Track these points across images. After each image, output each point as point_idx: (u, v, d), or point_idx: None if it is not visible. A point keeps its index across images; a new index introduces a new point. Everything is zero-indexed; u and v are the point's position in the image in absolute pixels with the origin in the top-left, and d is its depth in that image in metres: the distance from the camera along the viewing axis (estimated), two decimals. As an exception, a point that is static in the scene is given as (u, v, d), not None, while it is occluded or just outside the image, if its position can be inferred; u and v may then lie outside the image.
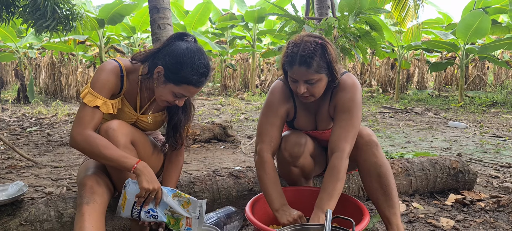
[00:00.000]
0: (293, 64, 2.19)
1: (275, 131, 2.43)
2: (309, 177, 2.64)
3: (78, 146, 2.10)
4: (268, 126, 2.43)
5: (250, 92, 14.21)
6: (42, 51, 13.99)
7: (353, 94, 2.34)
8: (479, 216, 2.91)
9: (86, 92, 2.14)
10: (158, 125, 2.45)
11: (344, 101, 2.34)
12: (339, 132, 2.29)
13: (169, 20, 5.30)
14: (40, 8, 5.14)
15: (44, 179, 3.73)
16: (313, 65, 2.17)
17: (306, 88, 2.24)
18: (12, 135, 6.00)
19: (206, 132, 5.53)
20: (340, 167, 2.21)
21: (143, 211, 2.09)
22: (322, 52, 2.20)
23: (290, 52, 2.21)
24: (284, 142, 2.45)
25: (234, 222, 2.56)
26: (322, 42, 2.22)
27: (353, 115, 2.31)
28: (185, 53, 2.12)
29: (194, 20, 14.15)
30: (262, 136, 2.44)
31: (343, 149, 2.24)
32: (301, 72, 2.19)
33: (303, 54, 2.16)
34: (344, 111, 2.32)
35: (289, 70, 2.24)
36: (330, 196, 2.16)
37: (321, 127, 2.55)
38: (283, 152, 2.44)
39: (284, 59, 2.28)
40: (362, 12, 5.34)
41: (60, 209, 2.35)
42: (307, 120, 2.55)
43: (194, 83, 2.13)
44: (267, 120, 2.45)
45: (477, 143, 5.78)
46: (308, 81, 2.22)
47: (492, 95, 12.66)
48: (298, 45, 2.19)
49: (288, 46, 2.25)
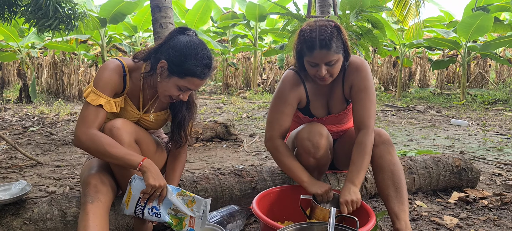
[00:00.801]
0: (314, 48, 2.26)
1: (285, 118, 2.54)
2: (323, 171, 2.67)
3: (83, 145, 2.10)
4: (278, 114, 2.54)
5: (252, 91, 14.20)
6: (44, 51, 14.00)
7: (366, 73, 2.49)
8: (482, 214, 2.91)
9: (89, 91, 2.14)
10: (161, 124, 2.46)
11: (360, 81, 2.48)
12: (362, 110, 2.45)
13: (171, 19, 5.30)
14: (42, 7, 5.13)
15: (47, 178, 3.73)
16: (332, 46, 2.26)
17: (326, 70, 2.32)
18: (14, 134, 6.00)
19: (208, 131, 5.53)
20: (367, 142, 2.37)
21: (146, 208, 2.09)
22: (338, 33, 2.30)
23: (308, 38, 2.28)
24: (306, 132, 2.48)
25: (237, 220, 2.56)
26: (335, 24, 2.33)
27: (370, 92, 2.48)
28: (188, 46, 2.12)
29: (195, 19, 14.14)
30: (272, 123, 2.56)
31: (369, 125, 2.42)
32: (322, 55, 2.27)
33: (322, 37, 2.24)
34: (362, 90, 2.47)
35: (309, 55, 2.31)
36: (359, 169, 2.33)
37: (336, 110, 2.66)
38: (306, 141, 2.46)
39: (300, 46, 2.35)
40: (364, 10, 5.34)
41: (63, 208, 2.35)
42: (320, 105, 2.65)
43: (198, 75, 2.14)
44: (277, 108, 2.55)
45: (479, 141, 5.77)
46: (328, 63, 2.31)
47: (494, 93, 12.65)
48: (315, 30, 2.27)
49: (304, 33, 2.31)
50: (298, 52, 2.39)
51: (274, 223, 2.13)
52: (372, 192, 3.14)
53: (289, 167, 2.48)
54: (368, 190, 3.12)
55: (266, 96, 12.75)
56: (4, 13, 5.43)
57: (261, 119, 7.89)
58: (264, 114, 8.50)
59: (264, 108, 9.63)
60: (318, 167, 2.56)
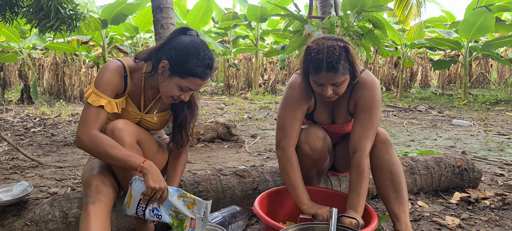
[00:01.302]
0: (320, 70, 2.21)
1: (297, 125, 2.47)
2: (322, 173, 2.66)
3: (84, 146, 2.10)
4: (291, 120, 2.46)
5: (253, 92, 14.19)
6: (46, 52, 14.01)
7: (373, 93, 2.41)
8: (484, 214, 2.90)
9: (90, 92, 2.14)
10: (162, 124, 2.46)
11: (365, 100, 2.41)
12: (360, 130, 2.37)
13: (172, 19, 5.30)
14: (44, 8, 5.13)
15: (48, 179, 3.73)
16: (340, 69, 2.21)
17: (332, 90, 2.28)
18: (16, 135, 6.00)
19: (210, 131, 5.53)
20: (364, 166, 2.30)
21: (148, 209, 2.09)
22: (346, 55, 2.24)
23: (315, 59, 2.22)
24: (304, 134, 2.46)
25: (239, 221, 2.56)
26: (344, 44, 2.26)
27: (373, 114, 2.39)
28: (189, 46, 2.12)
29: (197, 19, 14.13)
30: (286, 130, 2.46)
31: (365, 148, 2.34)
32: (328, 77, 2.22)
33: (330, 60, 2.18)
34: (365, 110, 2.40)
35: (315, 76, 2.26)
36: (359, 195, 2.26)
37: (339, 121, 2.61)
38: (303, 144, 2.44)
39: (307, 65, 2.30)
40: (365, 10, 5.32)
41: (65, 209, 2.35)
42: (325, 114, 2.61)
43: (200, 75, 2.14)
44: (290, 115, 2.47)
45: (481, 141, 5.76)
46: (335, 84, 2.26)
47: (496, 93, 12.63)
48: (322, 51, 2.20)
49: (311, 53, 2.25)
50: (305, 70, 2.35)
51: (276, 223, 2.13)
52: (374, 192, 3.14)
53: (294, 184, 2.39)
54: (370, 190, 3.12)
55: (267, 97, 12.74)
56: (6, 14, 5.43)
57: (262, 120, 7.89)
58: (266, 115, 8.50)
59: (266, 109, 9.63)
60: (317, 168, 2.56)
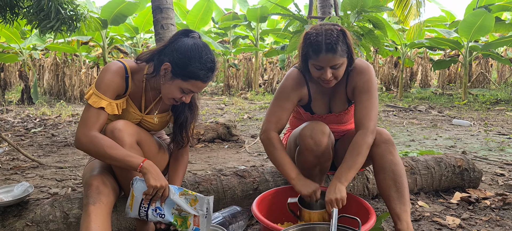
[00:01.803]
0: (320, 52, 2.29)
1: (284, 113, 2.56)
2: (325, 171, 2.66)
3: (83, 147, 2.11)
4: (277, 108, 2.56)
5: (253, 92, 14.19)
6: (46, 52, 14.01)
7: (370, 76, 2.51)
8: (485, 214, 2.90)
9: (91, 93, 2.14)
10: (163, 125, 2.46)
11: (363, 83, 2.49)
12: (363, 111, 2.45)
13: (172, 20, 5.30)
14: (44, 9, 5.13)
15: (49, 180, 3.74)
16: (338, 50, 2.29)
17: (331, 73, 2.34)
18: (16, 135, 6.01)
19: (210, 132, 5.53)
20: (362, 142, 2.36)
21: (150, 209, 2.09)
22: (343, 37, 2.33)
23: (314, 42, 2.30)
24: (309, 129, 2.48)
25: (240, 221, 2.56)
26: (341, 28, 2.36)
27: (372, 95, 2.48)
28: (192, 49, 2.13)
29: (196, 20, 14.13)
30: (270, 116, 2.58)
31: (367, 126, 2.40)
32: (328, 58, 2.29)
33: (329, 41, 2.27)
34: (364, 92, 2.48)
35: (315, 58, 2.33)
36: (349, 168, 2.32)
37: (337, 109, 2.68)
38: (308, 139, 2.45)
39: (306, 49, 2.38)
40: (365, 10, 5.33)
41: (65, 209, 2.36)
42: (322, 103, 2.66)
43: (201, 78, 2.15)
44: (277, 103, 2.57)
45: (481, 141, 5.76)
46: (333, 66, 2.33)
47: (496, 93, 12.64)
48: (321, 34, 2.29)
49: (310, 37, 2.33)
50: (303, 55, 2.41)
51: (274, 225, 2.13)
52: (374, 192, 3.14)
53: (280, 161, 2.49)
54: (370, 190, 3.12)
55: (267, 97, 12.74)
56: (6, 15, 5.43)
57: (262, 120, 7.88)
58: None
59: (266, 109, 9.60)
60: (320, 165, 2.56)
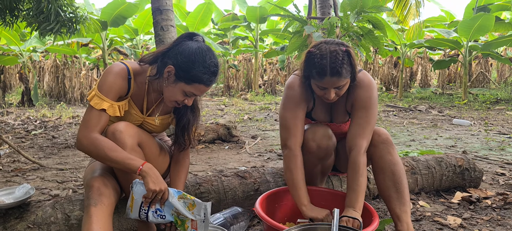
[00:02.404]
0: (324, 75, 2.23)
1: (300, 124, 2.50)
2: (326, 172, 2.66)
3: (84, 148, 2.11)
4: (294, 119, 2.48)
5: (253, 93, 14.19)
6: (46, 55, 14.02)
7: (370, 92, 2.44)
8: (486, 213, 2.91)
9: (93, 94, 2.15)
10: (164, 127, 2.46)
11: (362, 99, 2.44)
12: (357, 129, 2.39)
13: (172, 21, 5.31)
14: (44, 11, 5.14)
15: (50, 182, 3.74)
16: (343, 73, 2.24)
17: (335, 93, 2.31)
18: (17, 137, 6.01)
19: (210, 133, 5.54)
20: (360, 163, 2.31)
21: (150, 211, 2.09)
22: (348, 59, 2.27)
23: (319, 64, 2.24)
24: (311, 133, 2.48)
25: (241, 222, 2.56)
26: (346, 49, 2.29)
27: (370, 112, 2.41)
28: (196, 52, 2.12)
29: (196, 21, 14.14)
30: (290, 129, 2.47)
31: (361, 146, 2.35)
32: (332, 81, 2.25)
33: (334, 66, 2.21)
34: (361, 108, 2.42)
35: (319, 80, 2.28)
36: (357, 193, 2.26)
37: (337, 120, 2.64)
38: (311, 142, 2.45)
39: (309, 70, 2.32)
40: (365, 10, 5.34)
41: (67, 211, 2.36)
42: (324, 112, 2.63)
43: (205, 81, 2.14)
44: (292, 114, 2.49)
45: (482, 140, 5.77)
46: (337, 87, 2.29)
47: (496, 93, 12.64)
48: (325, 57, 2.23)
49: (314, 58, 2.27)
50: (306, 74, 2.37)
51: (278, 224, 2.14)
52: (375, 193, 3.15)
53: (295, 184, 2.39)
54: (371, 191, 3.12)
55: (267, 98, 12.75)
56: (6, 17, 5.43)
57: (262, 121, 7.90)
58: (266, 116, 8.50)
59: (266, 110, 9.63)
60: (322, 167, 2.57)
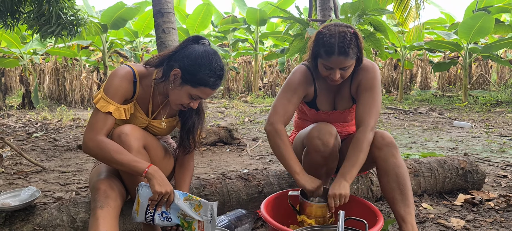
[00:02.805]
0: (332, 54, 2.32)
1: (290, 106, 2.59)
2: (330, 173, 2.67)
3: (90, 151, 2.12)
4: (285, 100, 2.58)
5: (253, 95, 14.21)
6: (46, 57, 14.03)
7: (374, 74, 2.54)
8: (489, 215, 2.91)
9: (99, 97, 2.16)
10: (170, 130, 2.47)
11: (367, 80, 2.53)
12: (364, 108, 2.49)
13: (173, 24, 5.32)
14: (45, 14, 5.15)
15: (52, 184, 3.74)
16: (350, 53, 2.32)
17: (340, 74, 2.39)
18: (18, 140, 6.01)
19: (211, 135, 5.54)
20: (363, 139, 2.39)
21: (156, 214, 2.10)
22: (355, 40, 2.37)
23: (327, 43, 2.33)
24: (316, 130, 2.51)
25: (245, 224, 2.57)
26: (354, 31, 2.38)
27: (375, 92, 2.51)
28: (203, 56, 2.14)
29: (196, 23, 14.18)
30: (277, 108, 2.59)
31: (368, 123, 2.44)
32: (339, 61, 2.33)
33: (342, 44, 2.30)
34: (367, 89, 2.52)
35: (326, 59, 2.36)
36: (352, 165, 2.35)
37: (341, 106, 2.71)
38: (316, 140, 2.48)
39: (317, 49, 2.40)
40: (366, 13, 5.35)
41: (72, 213, 2.36)
42: (327, 100, 2.69)
43: (210, 85, 2.16)
44: (285, 96, 2.60)
45: (483, 143, 5.78)
46: (343, 68, 2.37)
47: (496, 95, 12.66)
48: (334, 36, 2.32)
49: (323, 37, 2.36)
50: (314, 53, 2.44)
51: (283, 227, 2.14)
52: (378, 195, 3.15)
53: (285, 155, 2.50)
54: (374, 193, 3.13)
55: (267, 100, 12.76)
56: (7, 20, 5.44)
57: (263, 123, 7.90)
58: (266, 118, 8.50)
59: (266, 112, 9.63)
60: (327, 166, 2.57)
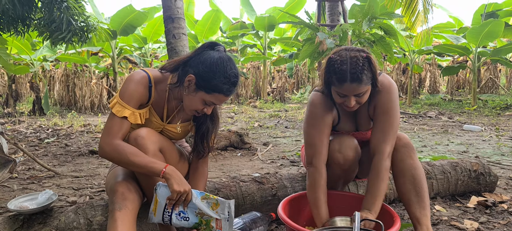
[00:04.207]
0: (344, 81, 2.24)
1: (326, 140, 2.49)
2: (349, 181, 2.67)
3: (107, 155, 2.14)
4: (320, 136, 2.48)
5: (262, 100, 14.23)
6: (56, 64, 14.12)
7: (390, 95, 2.44)
8: (502, 217, 2.91)
9: (115, 102, 2.19)
10: (185, 134, 2.49)
11: (383, 103, 2.43)
12: (379, 134, 2.40)
13: (183, 29, 5.34)
14: (56, 20, 5.19)
15: (66, 189, 3.77)
16: (363, 79, 2.23)
17: (355, 101, 2.31)
18: (30, 146, 6.06)
19: (222, 140, 5.56)
20: (381, 168, 2.32)
21: (174, 213, 2.12)
22: (368, 65, 2.27)
23: (339, 70, 2.24)
24: (338, 144, 2.47)
25: (259, 227, 2.59)
26: (367, 55, 2.29)
27: (392, 116, 2.41)
28: (218, 63, 2.15)
29: (205, 29, 14.23)
30: (316, 147, 2.47)
31: (384, 151, 2.35)
32: (352, 88, 2.25)
33: (354, 71, 2.21)
34: (383, 113, 2.42)
35: (339, 87, 2.28)
36: (374, 197, 2.28)
37: (363, 128, 2.63)
38: (336, 153, 2.45)
39: (329, 76, 2.31)
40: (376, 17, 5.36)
41: (89, 216, 2.39)
42: (349, 123, 2.62)
43: (224, 92, 2.17)
44: (318, 131, 2.49)
45: (493, 146, 5.76)
46: (357, 95, 2.29)
47: (506, 98, 12.60)
48: (346, 62, 2.23)
49: (334, 64, 2.27)
50: (326, 81, 2.36)
51: (302, 228, 2.15)
52: (391, 197, 3.16)
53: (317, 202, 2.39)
54: (387, 195, 3.13)
55: (276, 105, 12.77)
56: (18, 27, 5.49)
57: (273, 128, 7.91)
58: (276, 123, 8.52)
59: (275, 117, 9.65)
60: (345, 177, 2.58)
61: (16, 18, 5.35)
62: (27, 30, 5.59)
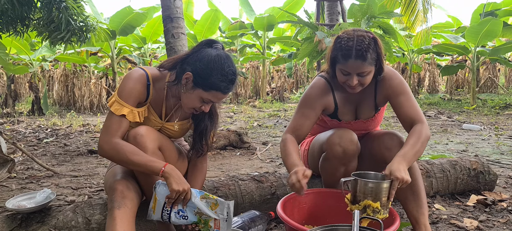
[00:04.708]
0: (349, 57, 2.27)
1: (306, 121, 2.53)
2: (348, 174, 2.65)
3: (106, 154, 2.14)
4: (300, 115, 2.55)
5: (261, 100, 14.23)
6: (55, 64, 14.12)
7: (400, 80, 2.51)
8: (502, 216, 2.91)
9: (113, 100, 2.18)
10: (183, 133, 2.48)
11: (396, 86, 2.48)
12: (409, 110, 2.44)
13: (182, 29, 5.34)
14: (55, 20, 5.17)
15: (64, 188, 3.76)
16: (368, 58, 2.26)
17: (357, 80, 2.32)
18: (29, 146, 6.05)
19: (222, 139, 5.55)
20: (423, 131, 2.32)
21: (173, 212, 2.11)
22: (374, 45, 2.30)
23: (345, 46, 2.28)
24: (337, 137, 2.47)
25: (258, 225, 2.58)
26: (373, 36, 2.33)
27: (409, 94, 2.49)
28: (215, 60, 2.14)
29: (204, 29, 14.22)
30: (291, 122, 2.57)
31: (422, 119, 2.40)
32: (356, 65, 2.27)
33: (359, 48, 2.24)
34: (400, 94, 2.48)
35: (343, 63, 2.31)
36: (412, 149, 2.23)
37: (364, 116, 2.66)
38: (336, 147, 2.44)
39: (335, 53, 2.35)
40: (375, 16, 5.36)
41: (87, 215, 2.38)
42: (349, 111, 2.64)
43: (222, 89, 2.17)
44: (301, 111, 2.56)
45: (493, 145, 5.76)
46: (360, 74, 2.31)
47: (505, 98, 12.61)
48: (352, 39, 2.27)
49: (341, 41, 2.32)
50: (332, 58, 2.39)
51: (301, 226, 2.14)
52: (390, 196, 3.15)
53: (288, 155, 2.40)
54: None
55: (276, 105, 12.77)
56: (17, 27, 5.48)
57: (272, 127, 7.91)
58: (275, 123, 8.52)
59: (275, 117, 9.65)
60: (345, 170, 2.58)
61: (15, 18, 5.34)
62: (26, 30, 5.57)
